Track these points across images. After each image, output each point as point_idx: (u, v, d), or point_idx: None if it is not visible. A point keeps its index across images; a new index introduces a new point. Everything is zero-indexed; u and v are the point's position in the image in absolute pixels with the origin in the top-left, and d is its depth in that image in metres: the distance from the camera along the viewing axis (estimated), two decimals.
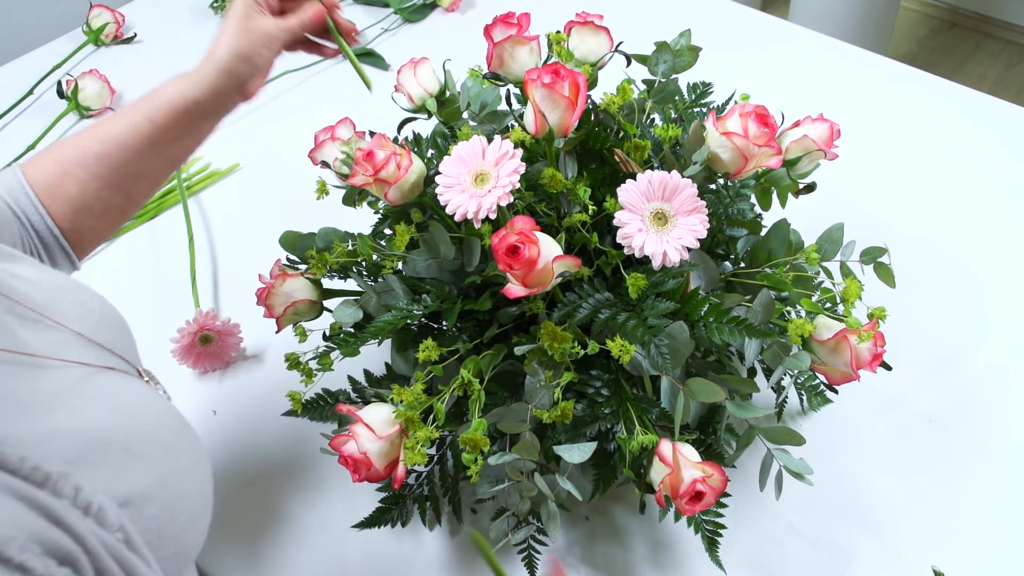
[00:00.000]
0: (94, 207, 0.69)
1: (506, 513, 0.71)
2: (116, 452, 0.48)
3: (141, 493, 0.47)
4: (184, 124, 0.72)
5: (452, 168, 0.66)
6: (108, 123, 0.70)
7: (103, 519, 0.43)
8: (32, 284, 0.56)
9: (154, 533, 0.47)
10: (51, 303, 0.55)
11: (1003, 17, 2.89)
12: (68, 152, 0.69)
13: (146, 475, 0.49)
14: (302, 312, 0.80)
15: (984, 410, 0.89)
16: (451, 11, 1.54)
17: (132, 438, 0.50)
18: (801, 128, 0.76)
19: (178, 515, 0.50)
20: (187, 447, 0.55)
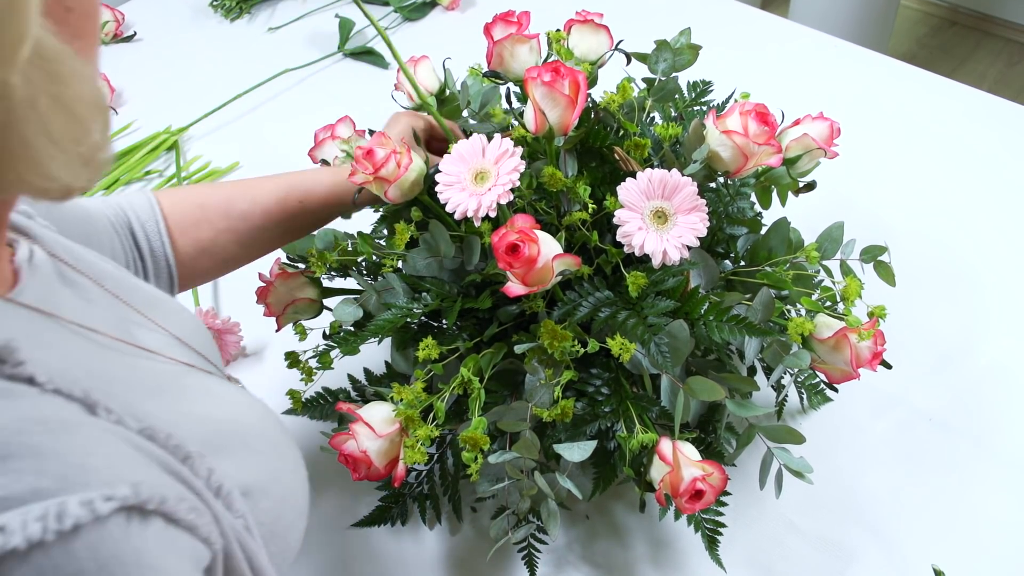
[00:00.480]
0: (217, 253, 0.74)
1: (506, 512, 0.71)
2: (236, 444, 0.49)
3: (257, 486, 0.48)
4: (325, 215, 0.78)
5: (452, 166, 0.66)
6: (260, 187, 0.75)
7: (231, 503, 0.44)
8: (137, 289, 0.58)
9: (267, 527, 0.48)
10: (152, 307, 0.57)
11: (1003, 16, 2.89)
12: (214, 201, 0.73)
13: (260, 469, 0.50)
14: (302, 310, 0.80)
15: (984, 409, 0.89)
16: (451, 9, 1.54)
17: (247, 432, 0.51)
18: (801, 126, 0.76)
19: (285, 512, 0.51)
20: (290, 448, 0.56)
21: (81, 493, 0.33)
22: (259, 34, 1.51)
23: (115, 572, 0.33)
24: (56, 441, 0.34)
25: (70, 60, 0.35)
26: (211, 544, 0.40)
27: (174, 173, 1.21)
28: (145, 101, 1.37)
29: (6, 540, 0.30)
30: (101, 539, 0.33)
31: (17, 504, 0.31)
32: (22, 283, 0.43)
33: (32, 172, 0.35)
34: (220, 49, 1.48)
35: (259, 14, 1.57)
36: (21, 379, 0.37)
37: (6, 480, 0.32)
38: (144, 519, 0.35)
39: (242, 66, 1.40)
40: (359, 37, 1.49)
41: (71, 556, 0.32)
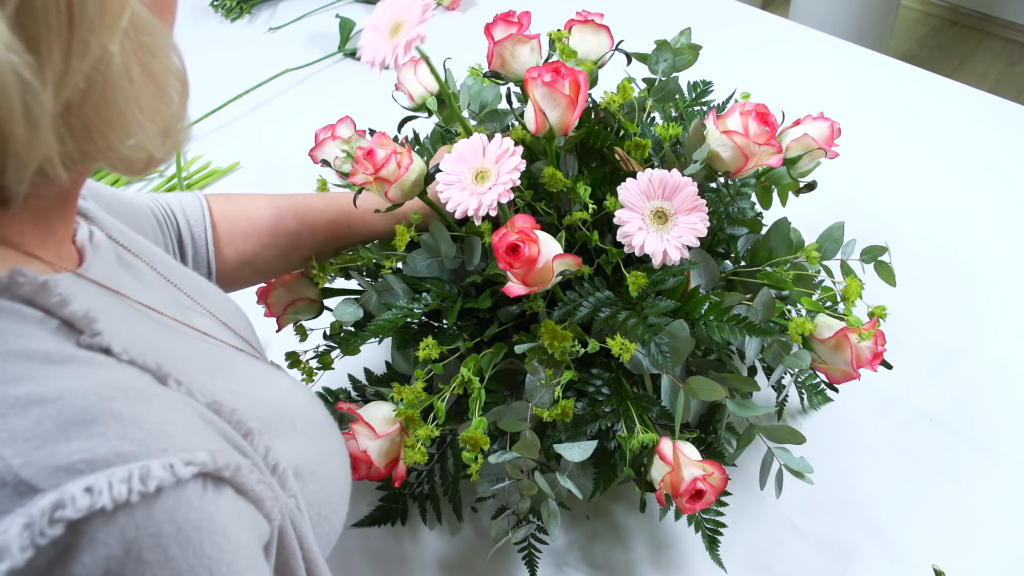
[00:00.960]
0: (258, 266, 0.75)
1: (506, 512, 0.71)
2: (287, 425, 0.49)
3: (306, 467, 0.49)
4: (368, 239, 0.79)
5: (453, 166, 0.66)
6: (311, 208, 0.76)
7: (285, 482, 0.44)
8: (185, 274, 0.59)
9: (314, 508, 0.49)
10: (201, 292, 0.58)
11: (1004, 16, 2.89)
12: (264, 216, 0.74)
13: (308, 451, 0.50)
14: (302, 311, 0.80)
15: (985, 409, 0.89)
16: (451, 9, 1.54)
17: (296, 415, 0.51)
18: (801, 127, 0.76)
19: (331, 495, 0.52)
20: (334, 433, 0.57)
21: (161, 458, 0.34)
22: (259, 34, 1.51)
23: (191, 536, 0.34)
24: (136, 408, 0.35)
25: (160, 32, 0.37)
26: (271, 520, 0.40)
27: (174, 173, 1.21)
28: None
29: (93, 500, 0.31)
30: (179, 503, 0.34)
31: (103, 467, 0.32)
32: (88, 260, 0.44)
33: (120, 140, 0.36)
34: (220, 49, 1.48)
35: (259, 14, 1.57)
36: (98, 349, 0.38)
37: (91, 443, 0.33)
38: (218, 487, 0.36)
39: (242, 66, 1.40)
40: (359, 37, 1.49)
41: (152, 518, 0.33)
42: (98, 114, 0.35)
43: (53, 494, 0.31)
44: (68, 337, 0.37)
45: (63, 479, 0.31)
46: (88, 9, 0.32)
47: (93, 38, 0.33)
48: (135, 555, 0.32)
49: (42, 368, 0.35)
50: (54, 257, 0.42)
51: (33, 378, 0.34)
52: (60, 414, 0.33)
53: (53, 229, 0.42)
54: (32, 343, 0.35)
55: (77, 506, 0.31)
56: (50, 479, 0.31)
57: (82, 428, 0.33)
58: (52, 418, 0.33)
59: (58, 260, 0.42)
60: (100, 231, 0.49)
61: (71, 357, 0.36)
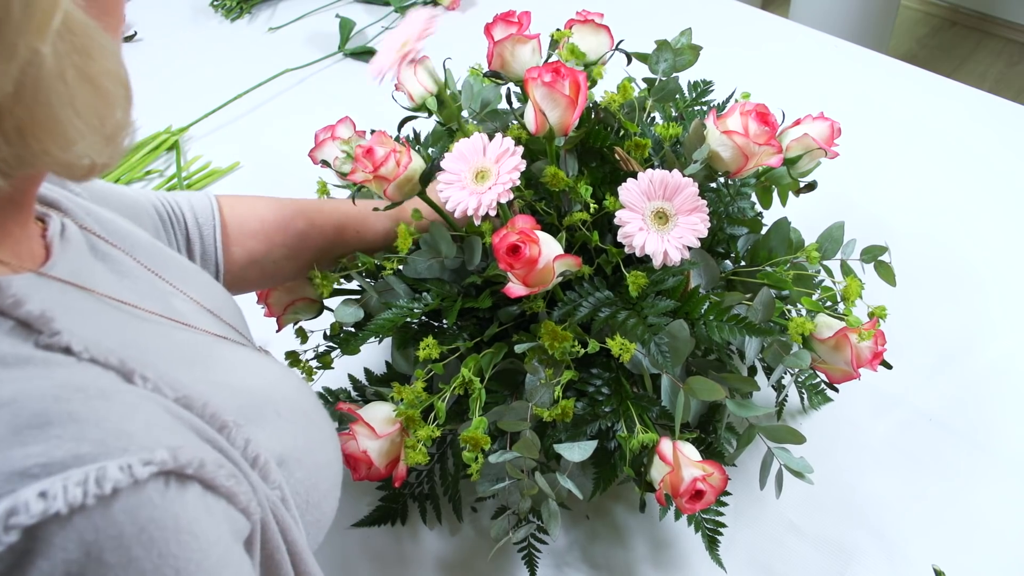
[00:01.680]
0: (267, 267, 0.75)
1: (507, 512, 0.71)
2: (270, 413, 0.49)
3: (292, 455, 0.48)
4: (377, 246, 0.79)
5: (453, 165, 0.66)
6: (321, 210, 0.76)
7: (266, 474, 0.44)
8: (169, 259, 0.59)
9: (302, 497, 0.48)
10: (184, 278, 0.58)
11: (1004, 15, 2.89)
12: (274, 216, 0.74)
13: (294, 438, 0.50)
14: (302, 311, 0.80)
15: (985, 409, 0.89)
16: (451, 9, 1.54)
17: (281, 403, 0.51)
18: (802, 127, 0.76)
19: (320, 482, 0.51)
20: (323, 418, 0.56)
21: (120, 458, 0.33)
22: (259, 34, 1.51)
23: (154, 536, 0.33)
24: (94, 408, 0.35)
25: (97, 35, 0.36)
26: (250, 515, 0.40)
27: (174, 173, 1.21)
28: (145, 101, 1.36)
29: (48, 505, 0.31)
30: (140, 503, 0.33)
31: (58, 470, 0.32)
32: (53, 257, 0.44)
33: (57, 145, 0.35)
34: (220, 49, 1.48)
35: (259, 14, 1.57)
36: (57, 349, 0.37)
37: (46, 447, 0.32)
38: (182, 484, 0.36)
39: (242, 66, 1.40)
40: (359, 37, 1.49)
41: (111, 520, 0.32)
42: (31, 118, 0.34)
43: (7, 500, 0.30)
44: (25, 338, 0.37)
45: (17, 484, 0.31)
46: (14, 10, 0.31)
47: (21, 40, 0.32)
48: (95, 557, 0.32)
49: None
50: (12, 257, 0.41)
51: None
52: (15, 418, 0.32)
53: (8, 231, 0.41)
54: None
55: (31, 512, 0.30)
56: (4, 485, 0.31)
57: (37, 431, 0.32)
58: (6, 422, 0.32)
59: (17, 260, 0.41)
60: (73, 223, 0.48)
61: (27, 359, 0.36)
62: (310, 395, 0.57)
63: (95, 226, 0.52)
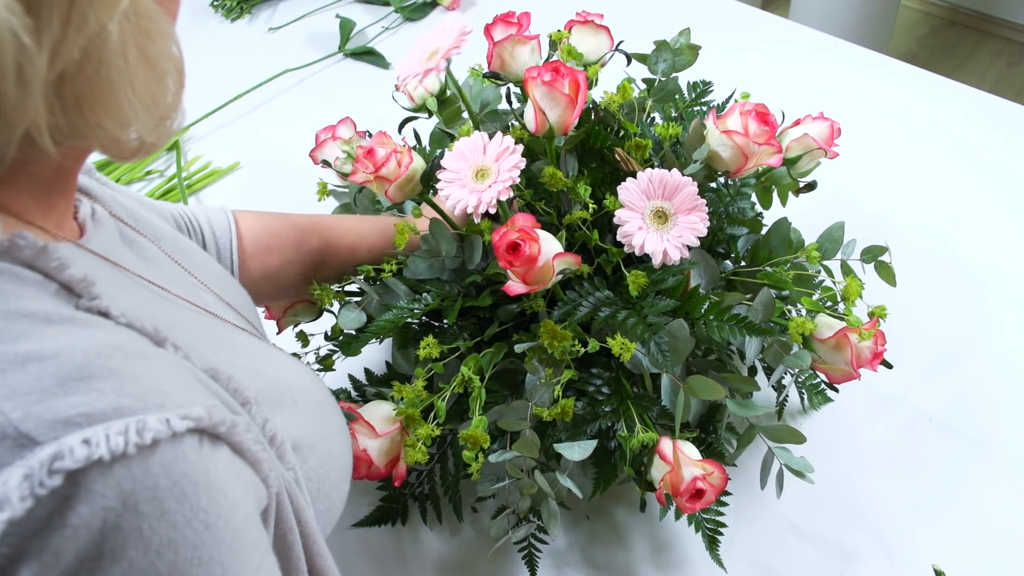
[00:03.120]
0: (281, 281, 0.76)
1: (506, 511, 0.71)
2: (288, 400, 0.50)
3: (306, 442, 0.49)
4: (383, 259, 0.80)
5: (453, 163, 0.66)
6: (334, 229, 0.78)
7: (282, 454, 0.45)
8: (192, 252, 0.60)
9: (314, 484, 0.49)
10: (206, 271, 0.60)
11: (1004, 16, 2.89)
12: (289, 234, 0.76)
13: (308, 426, 0.51)
14: (302, 313, 0.80)
15: (985, 409, 0.89)
16: (451, 9, 1.54)
17: (297, 391, 0.52)
18: (801, 127, 0.76)
19: (332, 471, 0.52)
20: (336, 410, 0.57)
21: (158, 412, 0.34)
22: (259, 34, 1.51)
23: (186, 489, 0.34)
24: (132, 366, 0.36)
25: (159, 19, 0.38)
26: (269, 485, 0.41)
27: (174, 173, 1.21)
28: None
29: (91, 452, 0.32)
30: (175, 457, 0.34)
31: (100, 420, 0.33)
32: (88, 234, 0.46)
33: (111, 120, 0.37)
34: (220, 49, 1.48)
35: (259, 14, 1.57)
36: (96, 312, 0.39)
37: (89, 398, 0.33)
38: (214, 444, 0.37)
39: (242, 66, 1.40)
40: (359, 37, 1.49)
41: (148, 471, 0.33)
42: (91, 89, 0.36)
43: (52, 446, 0.31)
44: (67, 300, 0.38)
45: (61, 432, 0.32)
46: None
47: (92, 12, 0.34)
48: (131, 507, 0.33)
49: (41, 327, 0.35)
50: (55, 228, 0.43)
51: (32, 336, 0.35)
52: (59, 370, 0.34)
53: (53, 203, 0.43)
54: (31, 304, 0.36)
55: (75, 457, 0.31)
56: (49, 432, 0.32)
57: (80, 384, 0.34)
58: (51, 374, 0.33)
59: (60, 231, 0.43)
60: (103, 208, 0.50)
61: (69, 318, 0.37)
62: (323, 388, 0.58)
63: (123, 214, 0.54)
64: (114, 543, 0.32)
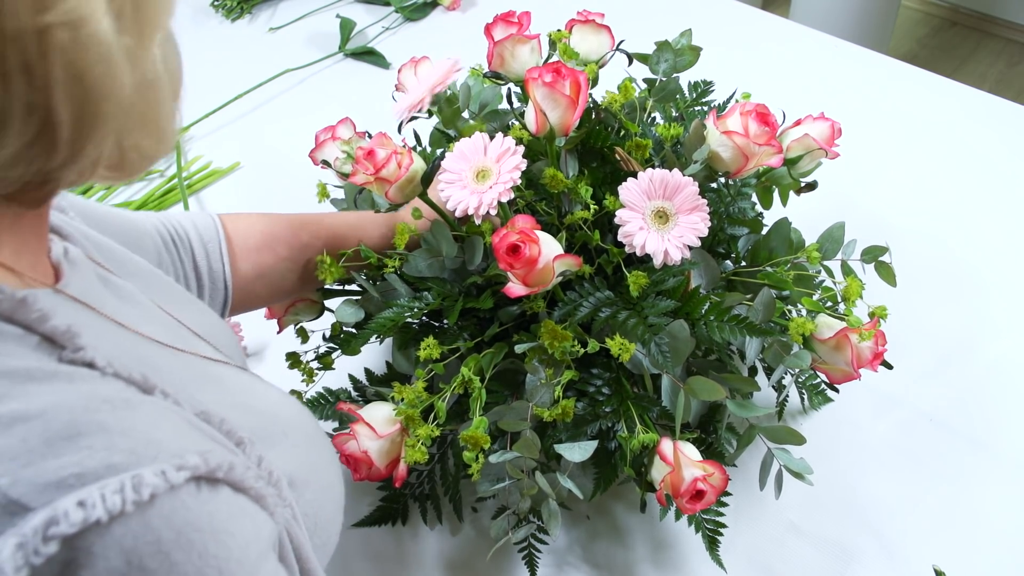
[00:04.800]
0: (274, 281, 0.75)
1: (507, 511, 0.71)
2: (278, 434, 0.49)
3: (300, 477, 0.48)
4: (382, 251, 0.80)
5: (454, 164, 0.66)
6: (323, 223, 0.77)
7: (280, 491, 0.44)
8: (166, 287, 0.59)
9: (311, 519, 0.48)
10: (181, 306, 0.58)
11: (1004, 16, 2.88)
12: (280, 231, 0.75)
13: (300, 460, 0.50)
14: (303, 311, 0.80)
15: (985, 409, 0.89)
16: (452, 9, 1.54)
17: (286, 425, 0.51)
18: (802, 127, 0.76)
19: (326, 504, 0.51)
20: (324, 441, 0.56)
21: (152, 465, 0.33)
22: (260, 34, 1.51)
23: (192, 538, 0.34)
24: (121, 418, 0.35)
25: (175, 41, 0.40)
26: (275, 518, 0.40)
27: (175, 173, 1.21)
28: None
29: (88, 514, 0.31)
30: (174, 508, 0.34)
31: (93, 479, 0.32)
32: (66, 277, 0.44)
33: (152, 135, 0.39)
34: (221, 49, 1.48)
35: (260, 14, 1.57)
36: (81, 363, 0.37)
37: (80, 457, 0.32)
38: (213, 487, 0.36)
39: (243, 66, 1.40)
40: (360, 37, 1.49)
41: (147, 526, 0.32)
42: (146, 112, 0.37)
43: (45, 511, 0.30)
44: (49, 353, 0.37)
45: (54, 495, 0.31)
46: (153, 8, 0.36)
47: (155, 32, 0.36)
48: (137, 565, 0.32)
49: (23, 386, 0.34)
50: (30, 271, 0.41)
51: (15, 396, 0.33)
52: (45, 430, 0.32)
53: (26, 240, 0.41)
54: (12, 361, 0.35)
55: (71, 521, 0.30)
56: (40, 496, 0.31)
57: (69, 442, 0.32)
58: (37, 434, 0.32)
59: (33, 274, 0.41)
60: (75, 248, 0.48)
61: (53, 373, 0.36)
62: (310, 418, 0.57)
63: (94, 252, 0.52)
64: None
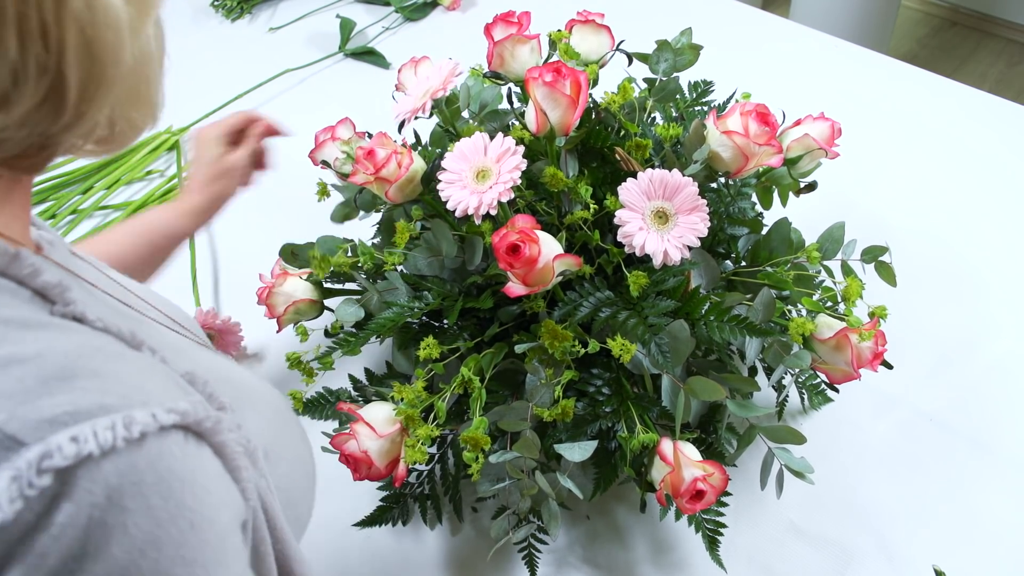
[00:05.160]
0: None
1: (507, 512, 0.71)
2: (250, 407, 0.50)
3: (274, 449, 0.49)
4: (173, 248, 0.85)
5: (454, 164, 0.66)
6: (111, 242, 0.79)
7: (256, 460, 0.44)
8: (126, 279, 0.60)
9: (284, 492, 0.49)
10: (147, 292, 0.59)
11: (1004, 16, 2.88)
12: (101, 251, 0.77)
13: (274, 433, 0.51)
14: (303, 311, 0.80)
15: (985, 409, 0.89)
16: (452, 9, 1.54)
17: (257, 400, 0.52)
18: (802, 127, 0.76)
19: (299, 479, 0.52)
20: (295, 419, 0.57)
21: (144, 408, 0.35)
22: (260, 34, 1.51)
23: (172, 486, 0.34)
24: (114, 366, 0.37)
25: (161, 25, 0.42)
26: (247, 497, 0.40)
27: (175, 174, 1.21)
28: None
29: (80, 448, 0.32)
30: (160, 453, 0.35)
31: (86, 418, 0.33)
32: (46, 249, 0.46)
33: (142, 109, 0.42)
34: (221, 49, 1.48)
35: (260, 14, 1.57)
36: (72, 317, 0.39)
37: (73, 396, 0.33)
38: (199, 444, 0.37)
39: (243, 66, 1.40)
40: (360, 37, 1.49)
41: (134, 466, 0.33)
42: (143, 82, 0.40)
43: (39, 446, 0.31)
44: (41, 306, 0.38)
45: (48, 431, 0.32)
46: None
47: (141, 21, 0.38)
48: (116, 502, 0.32)
49: (18, 332, 0.36)
50: (21, 238, 0.42)
51: (11, 340, 0.35)
52: (40, 371, 0.34)
53: (16, 212, 0.43)
54: (7, 311, 0.36)
55: (64, 454, 0.31)
56: (35, 432, 0.32)
57: (63, 383, 0.34)
58: (33, 375, 0.33)
59: (23, 241, 0.43)
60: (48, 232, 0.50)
61: (46, 323, 0.37)
62: (281, 396, 0.57)
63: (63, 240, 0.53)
64: (98, 540, 0.32)
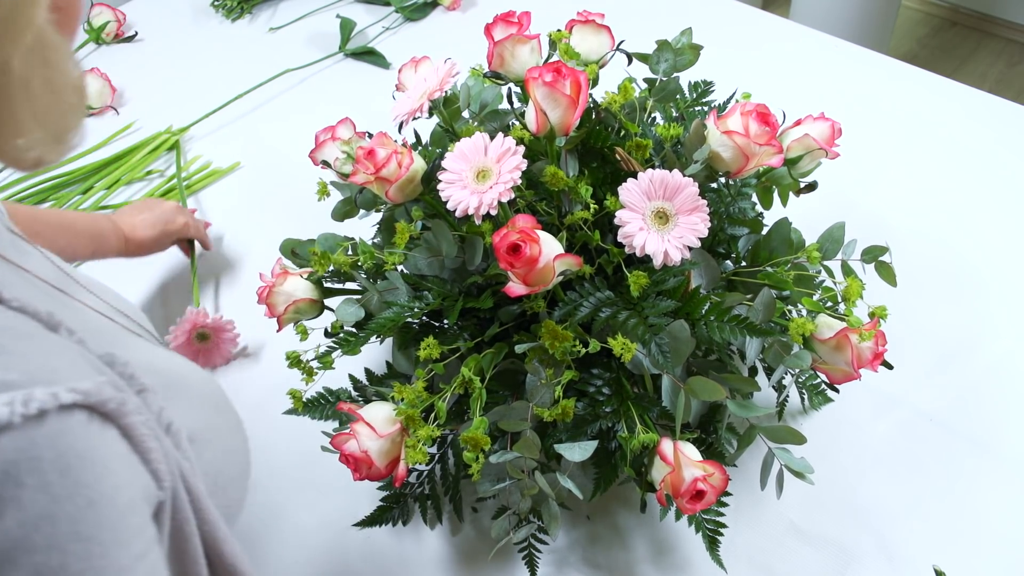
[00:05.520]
0: None
1: (507, 512, 0.71)
2: (179, 393, 0.50)
3: (201, 435, 0.49)
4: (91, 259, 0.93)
5: (454, 164, 0.66)
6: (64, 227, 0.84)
7: (178, 442, 0.44)
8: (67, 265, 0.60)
9: (210, 478, 0.49)
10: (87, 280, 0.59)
11: (1004, 16, 2.89)
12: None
13: (201, 421, 0.51)
14: (303, 311, 0.80)
15: (985, 409, 0.89)
16: (452, 9, 1.54)
17: (190, 388, 0.52)
18: (802, 127, 0.76)
19: (228, 467, 0.52)
20: (231, 410, 0.57)
21: (47, 387, 0.35)
22: (260, 34, 1.51)
23: (71, 463, 0.34)
24: (21, 346, 0.37)
25: (65, 50, 0.39)
26: (161, 480, 0.40)
27: (175, 173, 1.21)
28: (146, 101, 1.37)
29: None
30: (61, 430, 0.34)
31: None
32: None
33: (11, 142, 0.39)
34: (221, 49, 1.48)
35: (260, 14, 1.57)
36: None
37: None
38: (103, 425, 0.37)
39: (243, 66, 1.40)
40: (360, 37, 1.49)
41: (33, 442, 0.33)
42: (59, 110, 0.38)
43: None
44: None
45: None
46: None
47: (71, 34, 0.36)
48: (13, 477, 0.33)
49: None
50: None
51: None
52: None
53: None
54: None
55: None
56: None
57: None
58: None
59: None
60: None
61: None
62: (217, 388, 0.58)
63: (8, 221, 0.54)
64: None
